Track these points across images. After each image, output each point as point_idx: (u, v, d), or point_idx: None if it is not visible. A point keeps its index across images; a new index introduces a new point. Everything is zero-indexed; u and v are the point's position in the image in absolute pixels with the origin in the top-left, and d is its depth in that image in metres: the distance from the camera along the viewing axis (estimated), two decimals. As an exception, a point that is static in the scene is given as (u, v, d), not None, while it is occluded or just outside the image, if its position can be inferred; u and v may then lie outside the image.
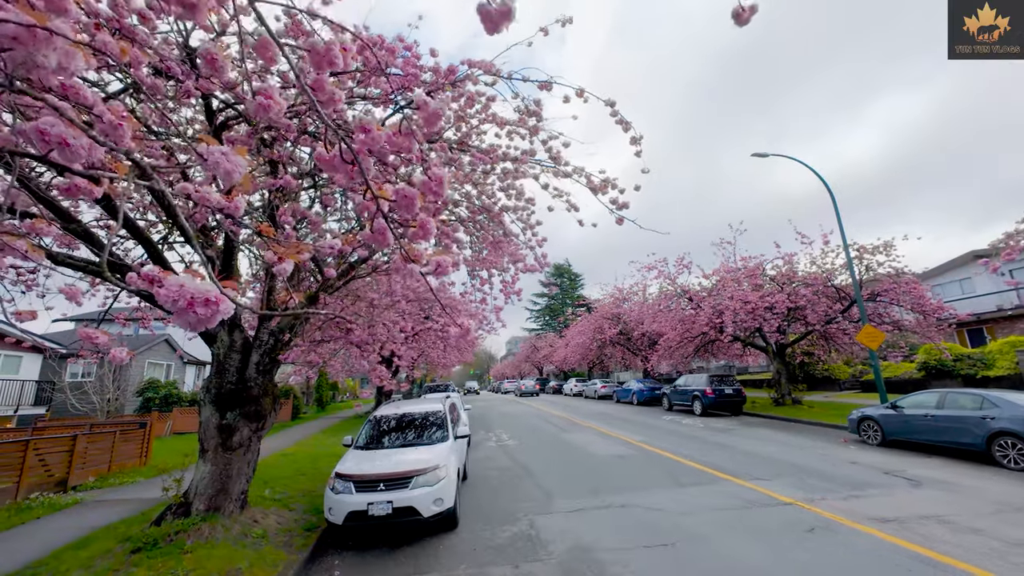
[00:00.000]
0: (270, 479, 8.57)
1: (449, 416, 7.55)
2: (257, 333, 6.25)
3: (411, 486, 5.62)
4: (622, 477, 8.47)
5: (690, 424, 15.49)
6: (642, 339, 29.93)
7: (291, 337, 6.56)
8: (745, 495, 6.99)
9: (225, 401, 5.88)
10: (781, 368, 18.99)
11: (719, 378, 18.35)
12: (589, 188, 5.74)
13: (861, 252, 15.55)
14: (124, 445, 10.16)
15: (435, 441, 6.80)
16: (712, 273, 20.40)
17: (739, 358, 25.65)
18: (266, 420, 6.17)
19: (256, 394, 5.97)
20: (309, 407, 27.93)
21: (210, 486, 5.71)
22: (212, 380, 5.94)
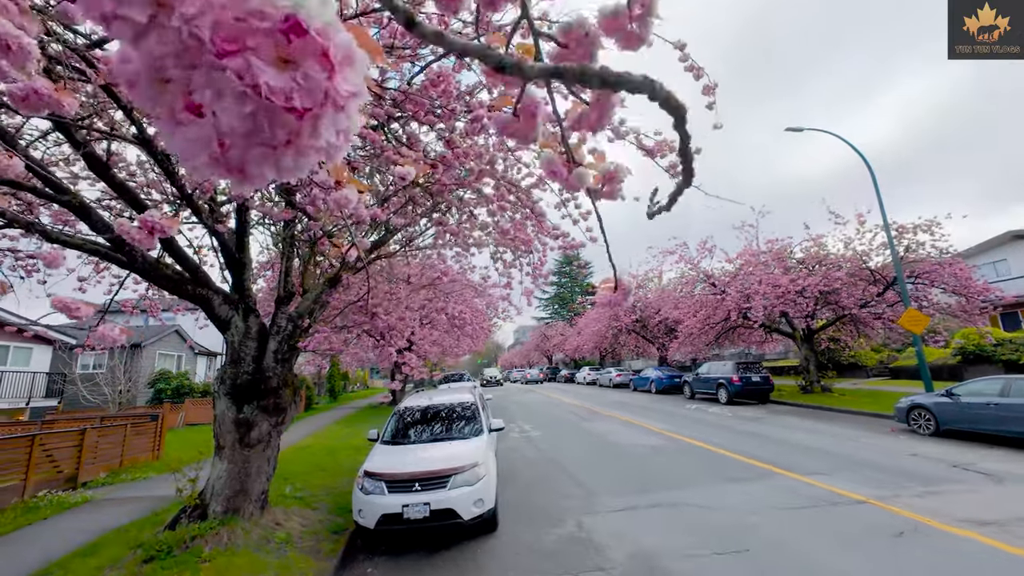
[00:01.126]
0: (289, 475, 8.09)
1: (481, 407, 6.98)
2: (274, 319, 5.68)
3: (449, 486, 5.06)
4: (663, 471, 7.89)
5: (717, 413, 14.89)
6: (659, 326, 29.26)
7: (311, 323, 6.00)
8: (807, 491, 6.38)
9: (241, 393, 5.33)
10: (809, 354, 18.28)
11: (745, 365, 17.68)
12: (643, 152, 5.06)
13: (901, 232, 14.70)
14: (136, 439, 9.74)
15: (468, 435, 6.24)
16: (736, 256, 19.61)
17: (759, 345, 24.96)
18: (286, 413, 5.63)
19: (275, 385, 5.42)
20: (322, 397, 27.66)
21: (227, 486, 5.20)
22: (227, 370, 5.39)
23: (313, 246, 6.32)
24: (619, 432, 12.05)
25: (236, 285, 5.47)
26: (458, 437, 6.18)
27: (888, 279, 15.61)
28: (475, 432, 6.33)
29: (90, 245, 4.89)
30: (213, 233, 5.05)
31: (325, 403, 26.47)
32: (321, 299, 6.29)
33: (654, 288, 31.06)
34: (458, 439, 6.11)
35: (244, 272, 5.43)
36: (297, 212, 4.50)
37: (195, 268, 5.21)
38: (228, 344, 5.52)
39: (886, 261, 15.65)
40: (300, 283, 6.39)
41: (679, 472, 7.78)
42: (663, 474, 7.71)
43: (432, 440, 6.10)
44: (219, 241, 5.19)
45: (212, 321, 5.46)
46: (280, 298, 5.70)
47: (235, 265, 5.34)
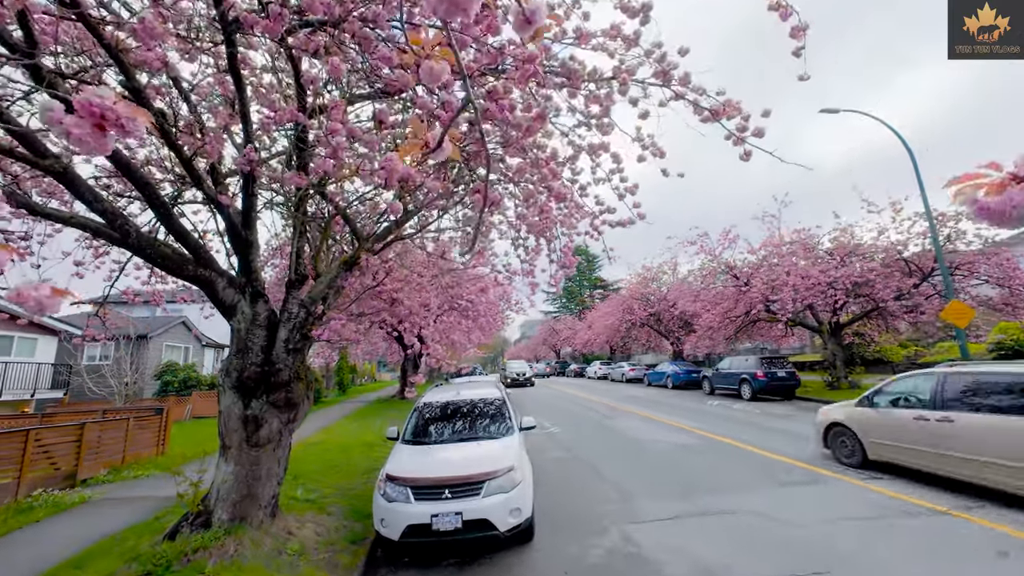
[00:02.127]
0: (300, 474, 7.55)
1: (509, 402, 6.38)
2: (285, 304, 5.10)
3: (483, 493, 4.47)
4: (702, 472, 7.27)
5: (743, 409, 14.23)
6: (673, 320, 28.55)
7: (324, 309, 5.41)
8: (871, 498, 5.75)
9: (249, 387, 4.76)
10: (837, 349, 17.53)
11: (769, 360, 16.97)
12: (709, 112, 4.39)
13: (942, 219, 13.88)
14: (140, 433, 9.26)
15: (498, 434, 5.65)
16: (759, 247, 18.84)
17: (779, 340, 24.24)
18: (298, 409, 5.06)
19: (286, 378, 4.85)
20: (331, 391, 27.28)
21: (234, 490, 4.64)
22: (233, 362, 4.82)
23: (327, 226, 5.72)
24: (644, 429, 11.44)
25: (242, 267, 4.89)
26: (487, 436, 5.59)
27: (924, 270, 14.81)
28: (505, 431, 5.74)
29: (79, 220, 4.32)
30: (216, 206, 4.45)
31: (334, 396, 26.07)
32: (336, 284, 5.70)
33: (668, 281, 30.33)
34: (487, 439, 5.52)
35: (251, 252, 4.84)
36: (310, 180, 3.89)
37: (196, 247, 4.63)
38: (234, 332, 4.95)
39: (922, 250, 14.85)
40: (312, 267, 5.81)
41: (721, 474, 7.15)
42: (703, 476, 7.08)
43: (459, 440, 5.51)
44: (223, 216, 4.59)
45: (216, 307, 4.88)
46: (291, 282, 5.11)
47: (241, 244, 4.75)
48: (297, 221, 5.10)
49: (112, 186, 6.72)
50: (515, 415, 6.14)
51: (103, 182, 6.64)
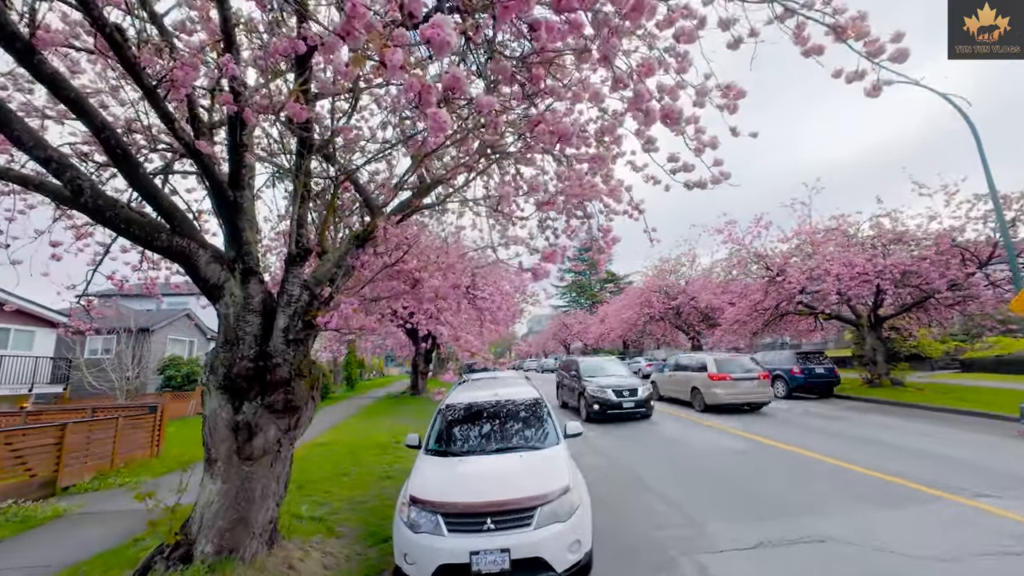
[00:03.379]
0: (304, 483, 6.66)
1: (548, 404, 5.41)
2: (283, 286, 4.15)
3: (534, 522, 3.50)
4: (768, 486, 6.26)
5: (785, 409, 13.15)
6: (693, 314, 27.41)
7: (332, 292, 4.46)
8: (990, 524, 4.73)
9: (240, 387, 3.83)
10: (878, 344, 16.36)
11: (805, 355, 15.86)
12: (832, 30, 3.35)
13: (1006, 201, 12.63)
14: (131, 433, 8.43)
15: (541, 443, 4.68)
16: (792, 234, 17.65)
17: (805, 335, 23.04)
18: (301, 414, 4.11)
19: (285, 375, 3.90)
20: (338, 386, 26.54)
21: (222, 515, 3.72)
22: (219, 355, 3.88)
23: (334, 193, 4.75)
24: (682, 430, 10.42)
25: (231, 236, 3.94)
26: (528, 446, 4.61)
27: (981, 257, 13.58)
28: (549, 439, 4.76)
29: (14, 173, 3.38)
30: (192, 154, 3.49)
31: (342, 392, 25.32)
32: (346, 263, 4.75)
33: (686, 273, 29.17)
34: (528, 449, 4.54)
35: (240, 218, 3.89)
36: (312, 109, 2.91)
37: (171, 210, 3.68)
38: (221, 319, 4.01)
39: (979, 237, 13.61)
40: (318, 242, 4.86)
41: (792, 489, 6.13)
42: (771, 490, 6.07)
43: (495, 451, 4.53)
44: (204, 172, 3.63)
45: (198, 286, 3.94)
46: (291, 257, 4.16)
47: (228, 208, 3.80)
48: (298, 183, 4.13)
49: (90, 154, 5.80)
50: (557, 419, 5.17)
51: (78, 147, 5.72)
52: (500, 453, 4.47)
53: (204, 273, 3.80)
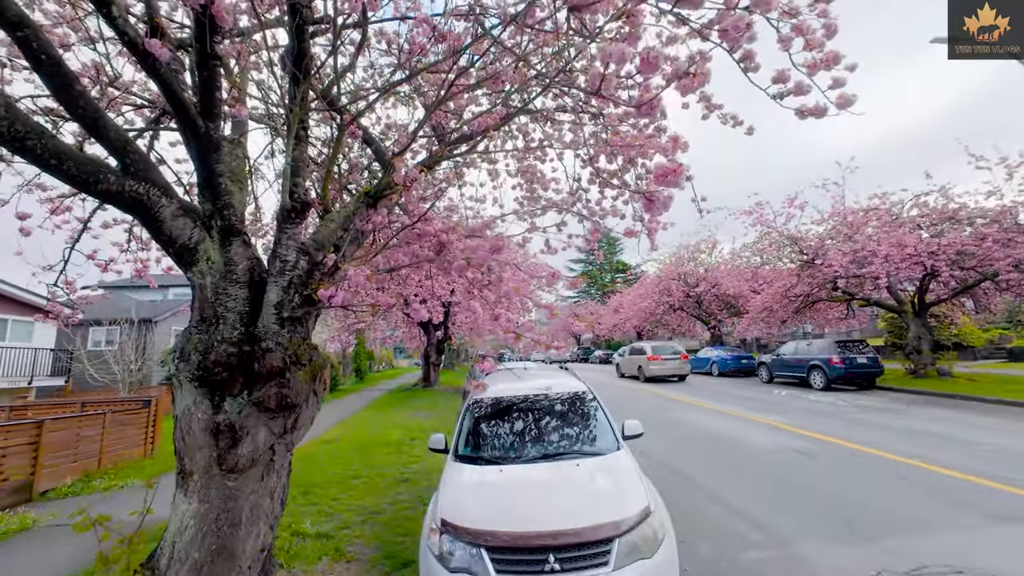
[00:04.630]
0: (310, 487, 5.83)
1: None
2: (275, 249, 3.24)
3: (612, 560, 2.59)
4: (852, 493, 5.32)
5: (828, 401, 12.14)
6: (714, 302, 26.29)
7: (338, 261, 3.54)
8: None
9: (220, 378, 2.94)
10: (923, 332, 15.21)
11: (845, 344, 14.76)
12: None
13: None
14: (122, 430, 7.67)
15: (598, 447, 3.77)
16: (828, 215, 16.48)
17: (837, 323, 21.88)
18: (299, 412, 3.22)
19: (278, 364, 3.00)
20: (347, 377, 25.88)
21: (197, 544, 2.86)
22: (192, 337, 2.99)
23: (339, 139, 3.83)
24: (727, 426, 9.47)
25: (205, 184, 3.03)
26: (582, 451, 3.70)
27: (1047, 237, 12.35)
28: (605, 442, 3.85)
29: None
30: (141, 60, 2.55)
31: (352, 384, 24.65)
32: (353, 225, 3.84)
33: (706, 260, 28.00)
34: (583, 454, 3.63)
35: (215, 159, 2.98)
36: None
37: (121, 144, 2.77)
38: (195, 291, 3.12)
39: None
40: (320, 199, 3.94)
41: (878, 496, 5.19)
42: (859, 499, 5.12)
43: (544, 457, 3.62)
44: (158, 83, 2.69)
45: (165, 248, 3.04)
46: (285, 212, 3.24)
47: (199, 143, 2.88)
48: (293, 116, 3.20)
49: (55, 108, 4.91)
50: (612, 415, 4.24)
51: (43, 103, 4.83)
52: (549, 460, 3.55)
53: (169, 229, 2.89)
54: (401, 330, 23.04)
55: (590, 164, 5.53)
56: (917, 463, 6.33)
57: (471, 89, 4.62)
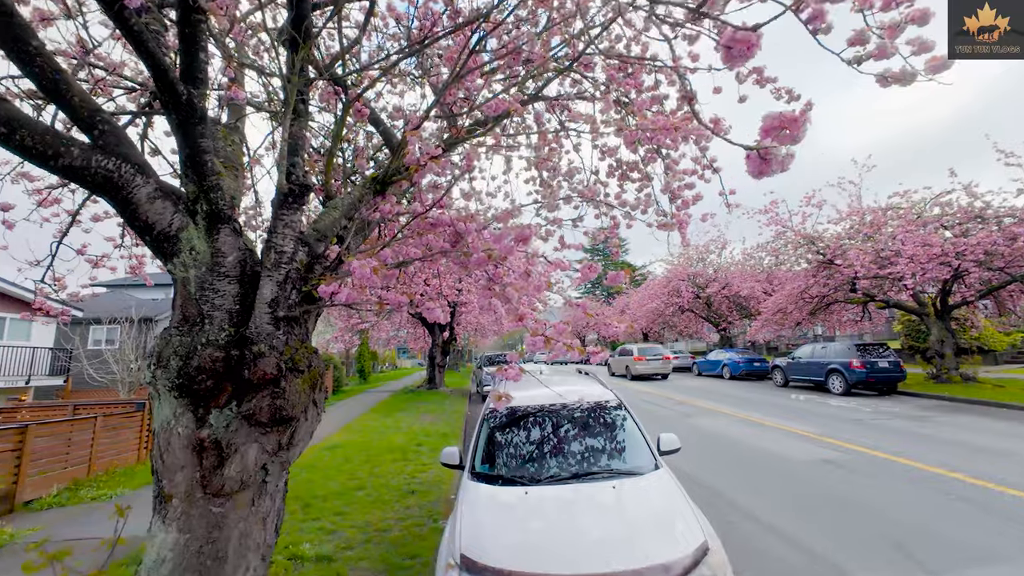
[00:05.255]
0: (310, 500, 5.42)
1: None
2: (271, 239, 2.83)
3: (669, 611, 2.16)
4: (902, 513, 4.86)
5: (850, 407, 11.64)
6: (724, 303, 25.76)
7: (342, 254, 3.12)
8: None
9: (205, 387, 2.52)
10: (945, 335, 14.68)
11: (865, 347, 14.24)
12: None
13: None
14: (114, 435, 7.28)
15: (634, 465, 3.33)
16: (846, 214, 15.97)
17: (851, 326, 21.35)
18: (296, 427, 2.80)
19: (272, 370, 2.58)
20: (351, 378, 25.53)
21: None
22: (172, 340, 2.58)
23: (343, 116, 3.41)
24: (751, 435, 8.99)
25: (189, 161, 2.62)
26: (617, 470, 3.26)
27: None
28: (641, 459, 3.42)
29: None
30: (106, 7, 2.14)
31: (355, 385, 24.29)
32: (359, 215, 3.43)
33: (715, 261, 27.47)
34: (618, 474, 3.19)
35: (200, 132, 2.56)
36: None
37: (88, 112, 2.36)
38: (177, 286, 2.72)
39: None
40: (322, 185, 3.54)
41: (936, 517, 4.72)
42: (911, 521, 4.67)
43: (573, 477, 3.18)
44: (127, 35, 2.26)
45: (141, 235, 2.63)
46: (283, 196, 2.83)
47: (181, 113, 2.46)
48: (291, 86, 2.79)
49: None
50: (645, 427, 3.80)
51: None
52: (581, 481, 3.12)
53: (145, 213, 2.48)
54: (406, 331, 22.68)
55: (610, 156, 5.12)
56: (965, 478, 5.85)
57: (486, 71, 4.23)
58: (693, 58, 4.61)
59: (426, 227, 3.20)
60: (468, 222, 3.04)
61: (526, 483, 3.12)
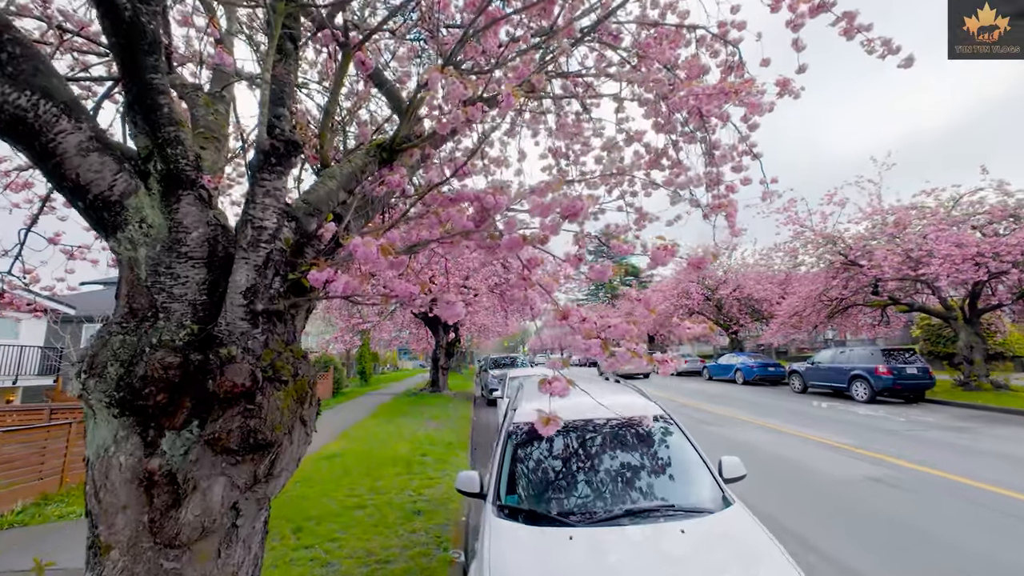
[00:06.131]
0: (303, 523, 4.79)
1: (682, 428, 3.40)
2: (247, 210, 2.20)
3: None
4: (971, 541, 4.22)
5: (880, 416, 10.97)
6: (735, 306, 25.09)
7: (339, 234, 2.50)
8: None
9: (154, 402, 1.90)
10: (975, 340, 14.02)
11: (890, 352, 13.56)
12: None
13: None
14: (92, 442, 6.64)
15: (698, 502, 2.70)
16: (870, 213, 15.32)
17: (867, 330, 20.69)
18: (277, 452, 2.16)
19: (245, 382, 1.95)
20: (351, 379, 24.90)
21: (114, 664, 1.81)
22: (111, 340, 1.96)
23: (343, 64, 2.80)
24: (782, 446, 8.34)
25: (137, 105, 2.00)
26: (681, 508, 2.62)
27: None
28: (705, 491, 2.78)
29: None
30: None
31: (355, 387, 23.66)
32: (361, 187, 2.82)
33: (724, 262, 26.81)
34: (684, 513, 2.56)
35: (151, 66, 1.94)
36: None
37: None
38: (122, 270, 2.10)
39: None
40: (317, 152, 2.93)
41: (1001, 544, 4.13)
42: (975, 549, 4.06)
43: (627, 514, 2.54)
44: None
45: (70, 200, 2.00)
46: (264, 155, 2.21)
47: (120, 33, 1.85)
48: (276, 17, 2.17)
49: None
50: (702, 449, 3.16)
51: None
52: (639, 521, 2.48)
53: (75, 170, 1.86)
54: (408, 331, 22.05)
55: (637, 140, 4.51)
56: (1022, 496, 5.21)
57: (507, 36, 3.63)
58: (738, 27, 4.10)
59: (444, 202, 2.59)
60: (499, 194, 2.43)
61: (569, 523, 2.48)
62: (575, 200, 2.24)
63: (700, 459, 3.03)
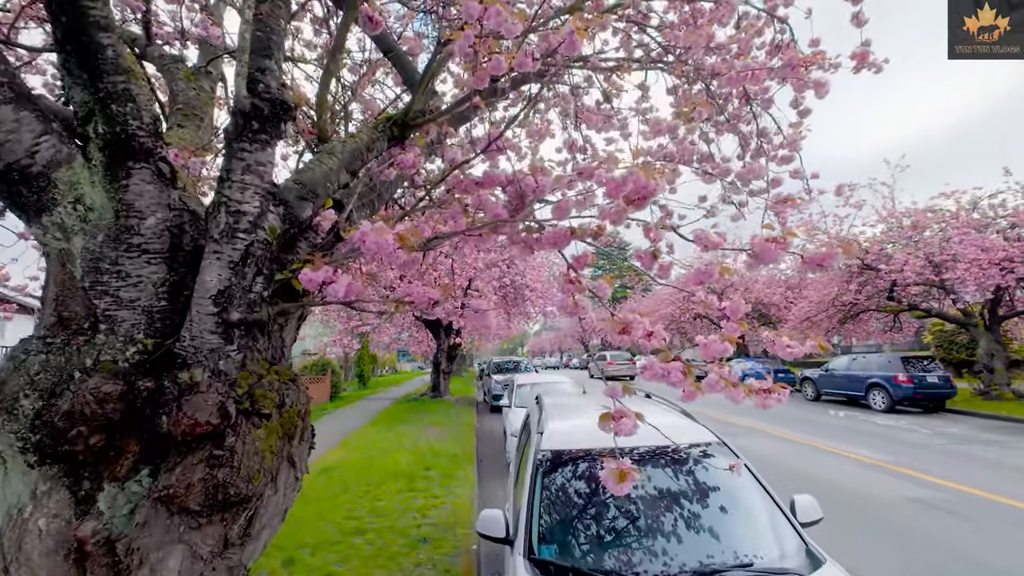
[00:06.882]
0: (296, 552, 4.28)
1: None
2: (221, 190, 1.70)
3: None
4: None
5: (902, 427, 10.50)
6: (742, 310, 24.62)
7: (340, 224, 1.99)
8: None
9: (84, 446, 1.39)
10: (996, 348, 13.56)
11: (909, 360, 13.08)
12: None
13: None
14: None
15: (778, 561, 2.18)
16: (886, 215, 14.89)
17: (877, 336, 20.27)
18: (257, 506, 1.65)
19: (212, 419, 1.44)
20: (350, 383, 24.34)
21: None
22: (29, 360, 1.44)
23: (347, 19, 2.31)
24: (809, 462, 7.84)
25: (70, 45, 1.49)
26: (762, 570, 2.11)
27: None
28: (785, 543, 2.28)
29: None
30: None
31: (354, 390, 23.11)
32: (366, 168, 2.34)
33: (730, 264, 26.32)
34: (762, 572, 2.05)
35: None
36: None
37: None
38: (51, 265, 1.60)
39: None
40: (314, 127, 2.44)
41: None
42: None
43: (694, 575, 2.04)
44: None
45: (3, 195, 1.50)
46: (244, 118, 1.70)
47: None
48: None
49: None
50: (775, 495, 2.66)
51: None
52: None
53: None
54: (408, 333, 21.49)
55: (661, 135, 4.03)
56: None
57: None
58: (785, 2, 3.71)
59: (471, 186, 2.09)
60: (539, 175, 1.93)
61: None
62: (643, 181, 1.74)
63: (770, 498, 2.53)
